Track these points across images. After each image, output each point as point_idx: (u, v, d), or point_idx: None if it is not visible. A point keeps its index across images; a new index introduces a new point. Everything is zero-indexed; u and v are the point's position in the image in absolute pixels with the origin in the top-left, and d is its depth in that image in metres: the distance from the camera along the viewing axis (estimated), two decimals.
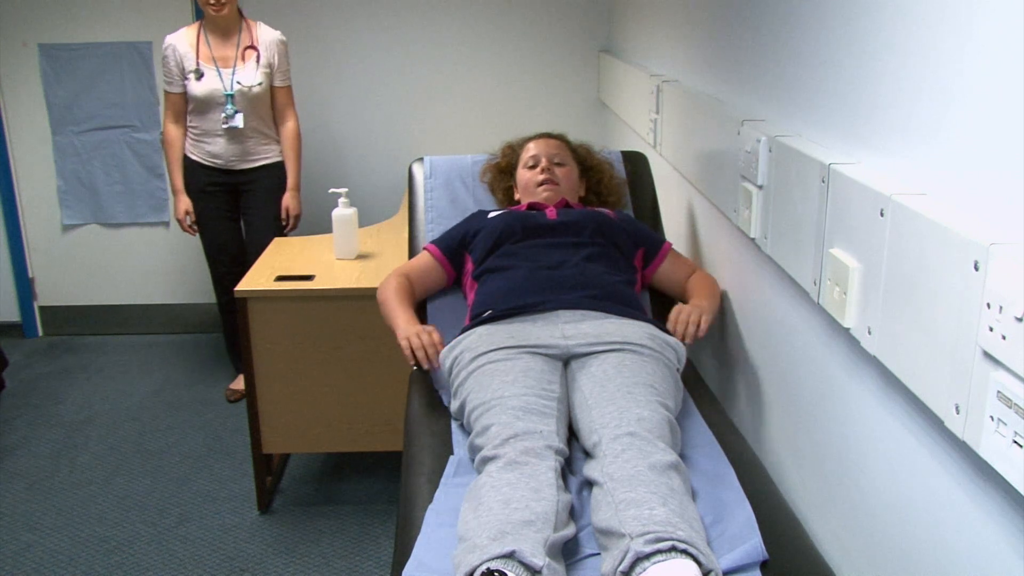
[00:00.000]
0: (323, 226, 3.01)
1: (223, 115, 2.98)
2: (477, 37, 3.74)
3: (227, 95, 2.96)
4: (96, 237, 3.90)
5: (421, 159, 2.27)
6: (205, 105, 2.99)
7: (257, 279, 2.43)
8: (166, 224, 3.90)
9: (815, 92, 1.39)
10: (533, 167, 2.08)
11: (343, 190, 2.58)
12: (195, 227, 3.14)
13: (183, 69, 2.97)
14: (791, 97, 1.49)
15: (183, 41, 2.98)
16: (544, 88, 3.79)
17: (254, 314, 2.36)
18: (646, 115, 2.62)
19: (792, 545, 1.26)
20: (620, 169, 2.26)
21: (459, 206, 2.19)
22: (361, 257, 2.62)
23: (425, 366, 1.73)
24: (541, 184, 2.05)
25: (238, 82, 2.97)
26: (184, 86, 2.99)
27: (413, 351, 1.73)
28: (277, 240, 2.86)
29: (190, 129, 3.07)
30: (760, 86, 1.65)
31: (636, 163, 2.30)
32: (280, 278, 2.43)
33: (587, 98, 3.80)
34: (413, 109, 3.81)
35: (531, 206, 2.03)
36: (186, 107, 3.04)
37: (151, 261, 3.93)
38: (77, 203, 3.85)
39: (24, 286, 3.93)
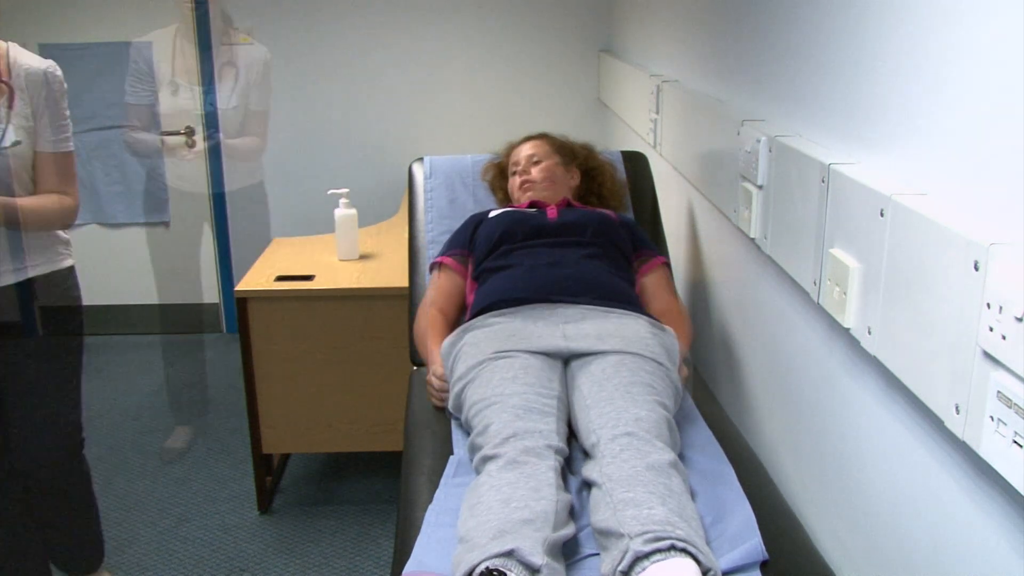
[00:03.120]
0: (323, 226, 3.01)
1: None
2: (477, 37, 3.74)
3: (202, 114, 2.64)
4: (96, 237, 3.90)
5: (421, 159, 2.27)
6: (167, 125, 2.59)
7: (257, 279, 2.43)
8: (166, 224, 3.89)
9: (815, 92, 1.38)
10: (515, 173, 2.11)
11: (343, 191, 2.58)
12: None
13: (155, 77, 2.59)
14: (791, 97, 1.49)
15: (158, 44, 2.60)
16: (544, 88, 3.79)
17: (254, 314, 2.36)
18: (646, 115, 2.62)
19: (792, 545, 1.26)
20: (620, 169, 2.26)
21: (459, 206, 2.19)
22: (362, 257, 2.62)
23: (440, 405, 1.73)
24: (521, 187, 2.08)
25: (213, 103, 2.65)
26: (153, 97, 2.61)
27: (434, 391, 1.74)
28: (277, 240, 2.86)
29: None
30: (760, 86, 1.65)
31: (636, 163, 2.30)
32: (280, 278, 2.43)
33: (587, 98, 3.80)
34: (413, 109, 3.81)
35: (532, 204, 2.03)
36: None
37: (151, 261, 3.93)
38: None
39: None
